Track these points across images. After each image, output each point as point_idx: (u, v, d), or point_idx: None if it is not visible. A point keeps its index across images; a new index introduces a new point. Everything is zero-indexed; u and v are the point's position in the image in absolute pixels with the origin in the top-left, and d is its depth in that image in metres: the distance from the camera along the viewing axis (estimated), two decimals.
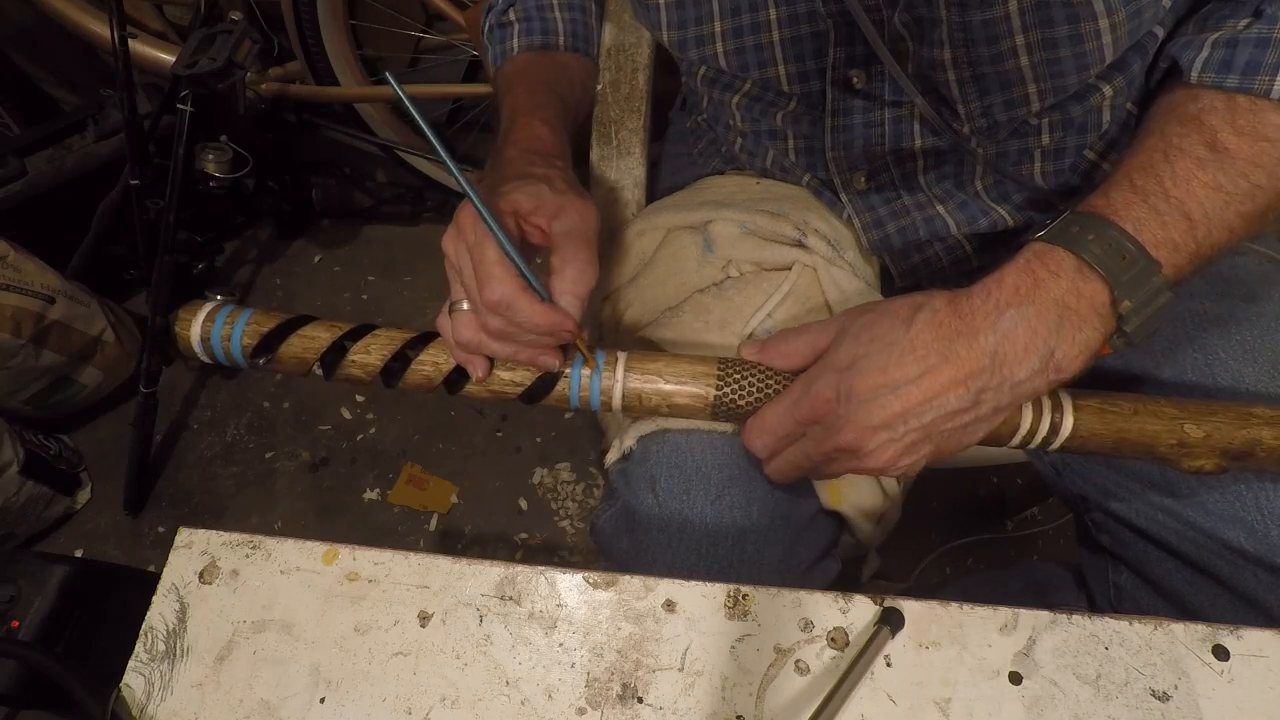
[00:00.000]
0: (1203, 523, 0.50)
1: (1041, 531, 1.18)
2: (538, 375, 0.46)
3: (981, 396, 0.40)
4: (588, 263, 0.45)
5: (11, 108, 1.38)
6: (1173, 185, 0.42)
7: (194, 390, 1.35)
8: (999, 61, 0.46)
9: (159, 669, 0.40)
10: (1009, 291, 0.40)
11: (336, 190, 1.47)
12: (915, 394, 0.40)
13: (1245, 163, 0.42)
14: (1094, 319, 0.40)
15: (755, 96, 0.58)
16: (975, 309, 0.40)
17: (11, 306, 1.09)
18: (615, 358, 0.46)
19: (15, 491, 1.11)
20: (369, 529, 1.22)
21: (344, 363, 0.47)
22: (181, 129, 1.08)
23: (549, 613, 0.41)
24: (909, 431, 0.41)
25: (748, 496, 0.51)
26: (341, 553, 0.43)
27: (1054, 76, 0.47)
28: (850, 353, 0.42)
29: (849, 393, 0.41)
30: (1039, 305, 0.40)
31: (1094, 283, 0.40)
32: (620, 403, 0.46)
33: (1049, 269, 0.41)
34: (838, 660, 0.40)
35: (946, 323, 0.40)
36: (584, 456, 1.28)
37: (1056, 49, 0.45)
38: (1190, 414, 0.44)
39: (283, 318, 0.48)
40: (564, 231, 0.45)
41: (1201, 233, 0.41)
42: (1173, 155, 0.42)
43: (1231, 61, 0.44)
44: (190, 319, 0.48)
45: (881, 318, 0.42)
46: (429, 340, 0.47)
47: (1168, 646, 0.40)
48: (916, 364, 0.40)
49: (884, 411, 0.41)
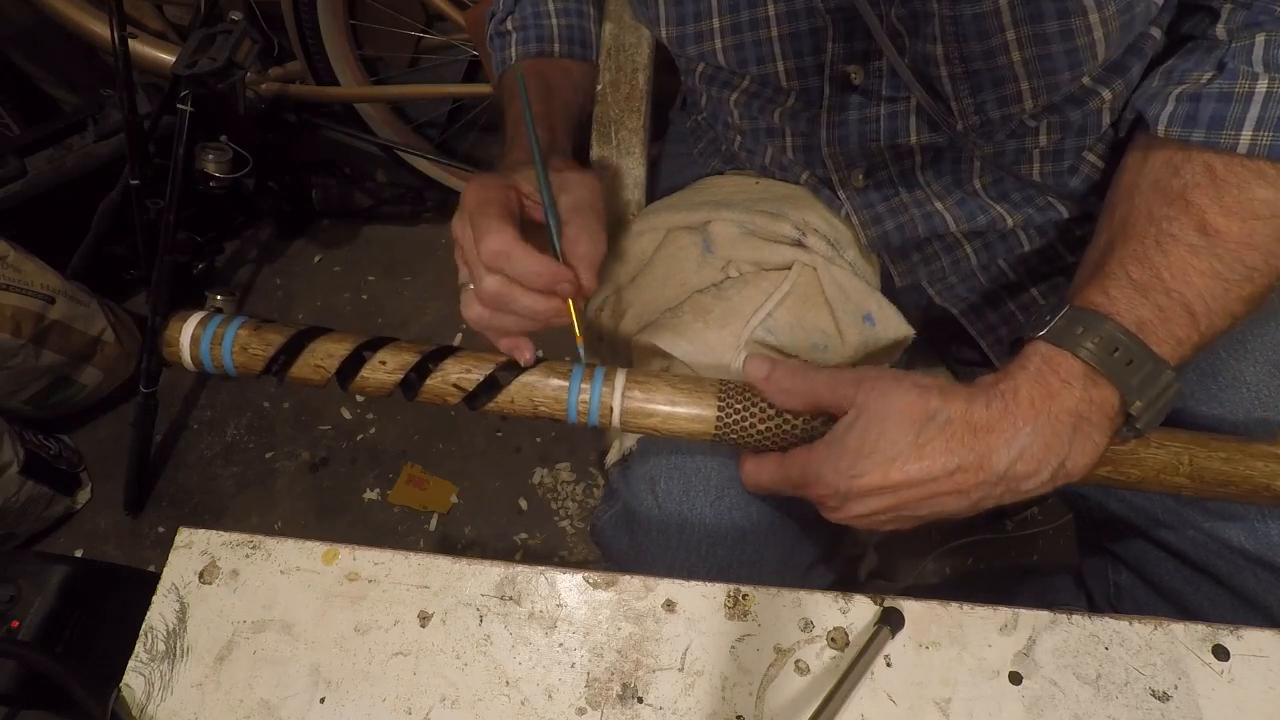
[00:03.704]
0: (1202, 522, 0.50)
1: (1041, 531, 1.18)
2: (500, 366, 0.46)
3: (981, 501, 0.41)
4: (598, 231, 0.46)
5: (11, 108, 1.38)
6: (1170, 277, 0.41)
7: (194, 390, 1.35)
8: (991, 57, 0.46)
9: (159, 669, 0.40)
10: (1025, 406, 0.39)
11: (336, 190, 1.47)
12: (912, 495, 0.40)
13: (1238, 245, 0.41)
14: (1105, 424, 0.40)
15: (753, 93, 0.58)
16: (992, 425, 0.39)
17: (11, 306, 1.09)
18: (615, 376, 0.46)
19: (15, 491, 1.11)
20: (369, 529, 1.22)
21: (359, 377, 0.46)
22: (181, 129, 1.08)
23: (549, 613, 0.41)
24: (898, 517, 0.42)
25: (747, 498, 0.51)
26: (341, 553, 0.43)
27: (1046, 74, 0.46)
28: (857, 445, 0.41)
29: (848, 488, 0.41)
30: (1054, 418, 0.39)
31: (1104, 389, 0.40)
32: (619, 422, 0.46)
33: (1060, 377, 0.40)
34: (838, 660, 0.40)
35: (959, 437, 0.40)
36: (584, 456, 1.28)
37: (1048, 44, 0.45)
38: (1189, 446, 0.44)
39: (278, 334, 0.47)
40: (571, 206, 0.46)
41: (1204, 324, 0.41)
42: (1165, 242, 0.42)
43: (1196, 116, 0.44)
44: (177, 335, 0.47)
45: (892, 414, 0.41)
46: (447, 354, 0.47)
47: (1168, 646, 0.40)
48: (921, 474, 0.40)
49: (877, 504, 0.41)
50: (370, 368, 0.46)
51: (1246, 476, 0.43)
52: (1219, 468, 0.43)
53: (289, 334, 0.47)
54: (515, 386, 0.45)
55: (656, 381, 0.45)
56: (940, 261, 0.62)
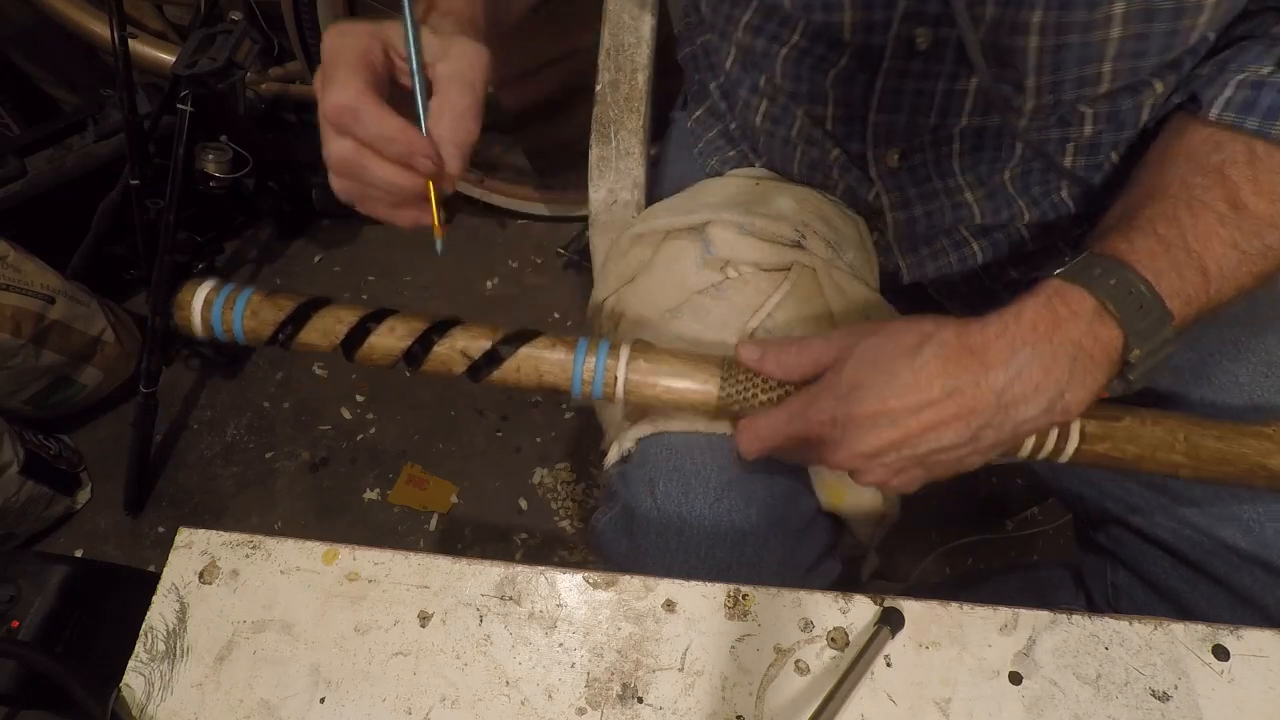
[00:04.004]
0: (1199, 521, 0.50)
1: (1041, 531, 1.18)
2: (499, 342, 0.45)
3: (981, 433, 0.40)
4: (469, 109, 0.40)
5: (11, 108, 1.38)
6: (1194, 239, 0.42)
7: (194, 390, 1.35)
8: (1089, 30, 0.44)
9: (159, 669, 0.40)
10: (1026, 328, 0.39)
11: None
12: (913, 425, 0.40)
13: (1262, 223, 0.42)
14: (1105, 364, 0.40)
15: (805, 50, 0.54)
16: (989, 344, 0.39)
17: (11, 306, 1.09)
18: (620, 347, 0.46)
19: (15, 491, 1.11)
20: (369, 529, 1.22)
21: (365, 345, 0.46)
22: (181, 129, 1.08)
23: (549, 613, 0.41)
24: (901, 459, 0.41)
25: (746, 499, 0.51)
26: (341, 553, 0.43)
27: (1135, 55, 0.45)
28: (852, 377, 0.41)
29: (846, 419, 0.41)
30: (1055, 345, 0.39)
31: (1110, 328, 0.40)
32: (623, 392, 0.46)
33: (1070, 308, 0.40)
34: (838, 660, 0.40)
35: (955, 357, 0.39)
36: (584, 456, 1.28)
37: (1151, 22, 0.43)
38: (1187, 428, 0.44)
39: (287, 302, 0.47)
40: (446, 75, 0.41)
41: (1214, 289, 0.41)
42: (1196, 208, 0.42)
43: (1255, 103, 0.44)
44: (190, 298, 0.47)
45: (887, 343, 0.41)
46: (450, 326, 0.46)
47: (1168, 646, 0.40)
48: (918, 396, 0.39)
49: (879, 439, 0.40)
50: (379, 334, 0.46)
51: (1241, 454, 0.43)
52: (1214, 445, 0.44)
53: (300, 300, 0.47)
54: (520, 356, 0.45)
55: (661, 354, 0.46)
56: (948, 258, 0.62)
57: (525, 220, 1.53)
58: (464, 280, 1.47)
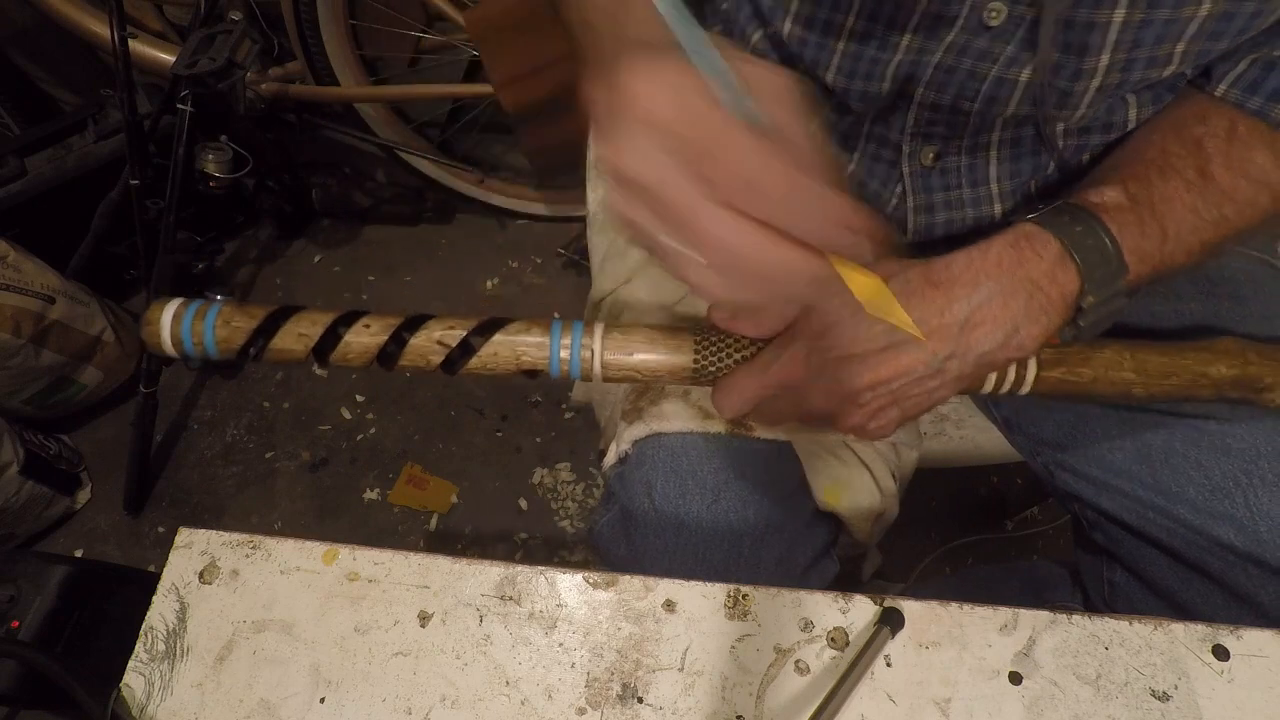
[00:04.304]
0: (1192, 519, 0.50)
1: (1041, 531, 1.18)
2: None
3: (947, 364, 0.41)
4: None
5: (11, 108, 1.38)
6: (1159, 200, 0.43)
7: (194, 390, 1.35)
8: (1180, 6, 0.42)
9: (159, 669, 0.40)
10: (991, 263, 0.41)
11: (336, 190, 1.47)
12: (883, 367, 0.41)
13: (1224, 195, 0.44)
14: (1059, 305, 0.42)
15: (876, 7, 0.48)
16: (956, 277, 0.41)
17: (11, 306, 1.09)
18: (594, 324, 0.46)
19: (15, 491, 1.11)
20: (369, 529, 1.22)
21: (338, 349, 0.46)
22: (181, 129, 1.08)
23: (549, 613, 0.41)
24: (876, 398, 0.42)
25: (743, 499, 0.51)
26: (341, 553, 0.43)
27: (1213, 36, 0.44)
28: (821, 320, 0.42)
29: (819, 363, 0.42)
30: (1015, 280, 0.41)
31: (1069, 272, 0.41)
32: (600, 366, 0.46)
33: (1034, 249, 0.42)
34: (838, 660, 0.40)
35: (919, 292, 0.41)
36: (584, 456, 1.28)
37: (1243, 1, 0.42)
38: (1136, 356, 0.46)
39: (254, 315, 0.47)
40: (772, 122, 0.31)
41: (1169, 249, 0.43)
42: (1168, 173, 0.44)
43: (1262, 83, 0.45)
44: (158, 315, 0.46)
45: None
46: (422, 322, 0.46)
47: (1168, 646, 0.40)
48: (885, 335, 0.40)
49: (852, 382, 0.41)
50: (354, 332, 0.46)
51: (1184, 365, 0.46)
52: (1159, 359, 0.46)
53: (271, 310, 0.47)
54: (496, 341, 0.45)
55: (635, 326, 0.47)
56: None
57: (525, 220, 1.53)
58: (464, 280, 1.47)
